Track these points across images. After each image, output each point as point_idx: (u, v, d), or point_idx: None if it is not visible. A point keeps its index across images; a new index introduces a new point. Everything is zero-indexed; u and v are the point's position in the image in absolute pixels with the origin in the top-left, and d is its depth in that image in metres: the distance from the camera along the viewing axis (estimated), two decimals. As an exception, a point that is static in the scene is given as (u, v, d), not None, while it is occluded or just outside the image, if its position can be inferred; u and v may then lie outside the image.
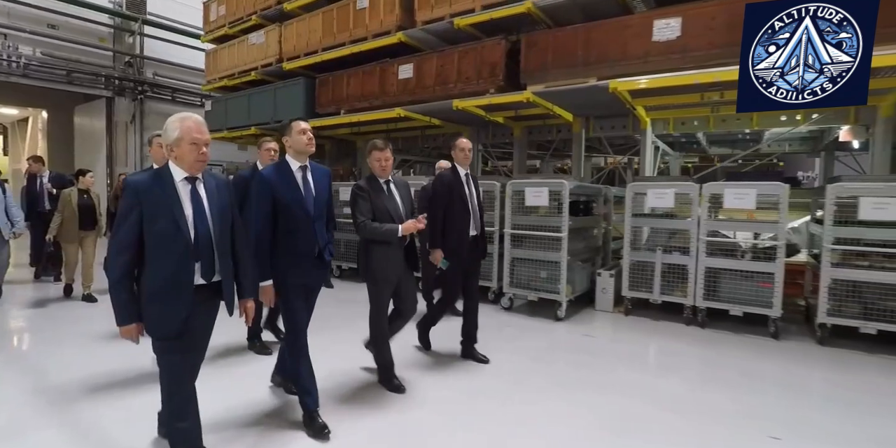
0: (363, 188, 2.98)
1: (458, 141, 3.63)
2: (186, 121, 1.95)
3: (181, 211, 1.93)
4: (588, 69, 5.04)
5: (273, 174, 2.58)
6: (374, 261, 2.98)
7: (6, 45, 11.33)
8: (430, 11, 6.10)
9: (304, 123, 2.66)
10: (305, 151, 2.61)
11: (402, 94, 6.48)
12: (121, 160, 13.56)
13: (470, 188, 3.63)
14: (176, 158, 1.94)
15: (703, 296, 4.50)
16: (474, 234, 3.64)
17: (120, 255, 1.89)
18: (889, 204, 3.79)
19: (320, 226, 2.68)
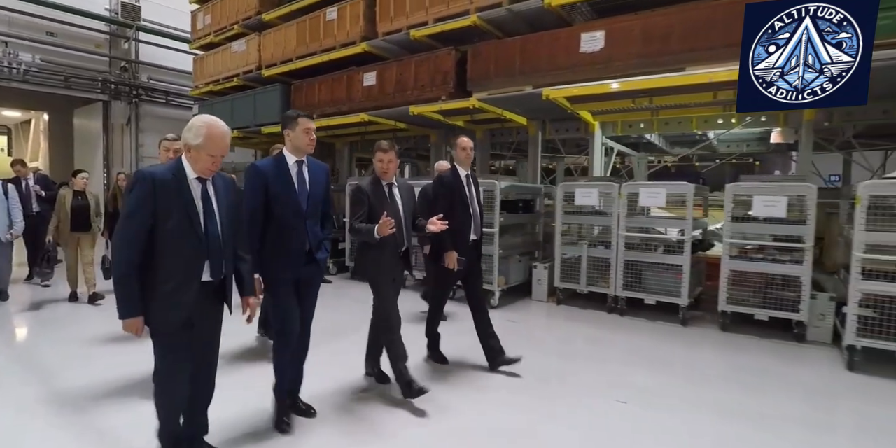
0: (363, 190, 3.00)
1: (459, 139, 3.60)
2: (213, 129, 2.00)
3: (194, 208, 2.00)
4: (525, 78, 5.68)
5: (269, 167, 2.61)
6: (369, 263, 3.03)
7: (7, 52, 12.23)
8: (389, 23, 6.80)
9: (310, 122, 2.68)
10: (305, 150, 2.65)
11: (366, 101, 7.18)
12: (117, 160, 14.47)
13: (471, 190, 3.61)
14: (190, 159, 2.02)
15: (622, 286, 5.10)
16: (475, 238, 3.61)
17: (129, 247, 1.93)
18: (778, 202, 4.37)
19: (313, 223, 2.69)
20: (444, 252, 3.42)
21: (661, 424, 2.84)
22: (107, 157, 14.38)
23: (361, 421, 2.82)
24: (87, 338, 4.28)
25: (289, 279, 2.62)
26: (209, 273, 2.06)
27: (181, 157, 2.04)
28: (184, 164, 2.01)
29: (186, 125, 2.03)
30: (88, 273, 5.57)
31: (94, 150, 14.51)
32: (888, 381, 3.55)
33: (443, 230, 3.05)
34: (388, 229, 2.76)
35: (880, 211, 3.68)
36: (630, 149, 8.68)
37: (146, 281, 1.97)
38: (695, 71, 4.78)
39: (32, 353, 4.00)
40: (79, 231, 5.56)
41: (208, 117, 2.05)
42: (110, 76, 13.84)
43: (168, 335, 2.04)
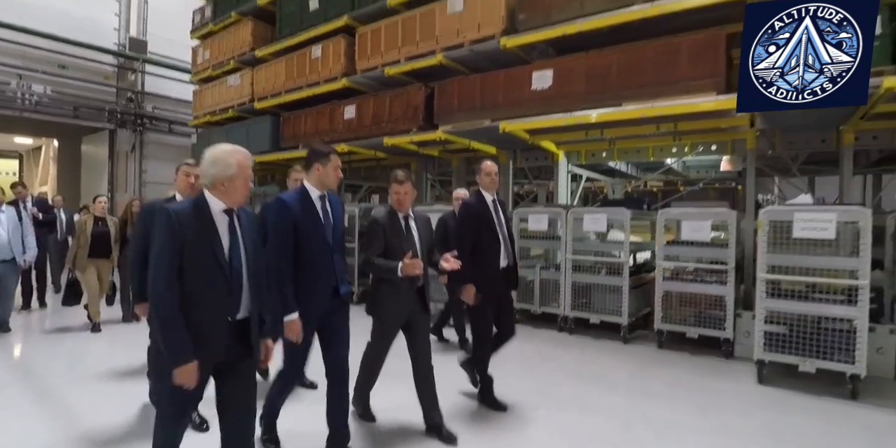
0: (378, 223, 3.00)
1: (483, 165, 3.59)
2: (239, 155, 2.05)
3: (220, 243, 2.00)
4: (484, 112, 6.40)
5: (295, 201, 2.65)
6: (381, 298, 3.00)
7: (21, 84, 13.41)
8: (367, 61, 7.65)
9: (339, 160, 2.77)
10: (331, 186, 2.74)
11: (347, 132, 7.98)
12: (121, 186, 15.50)
13: (499, 215, 3.59)
14: (224, 193, 2.03)
15: (570, 306, 5.65)
16: (505, 264, 3.58)
17: (169, 289, 1.91)
18: (703, 227, 4.94)
19: (339, 257, 2.74)
20: (463, 283, 3.37)
21: (558, 426, 3.37)
22: (112, 182, 15.43)
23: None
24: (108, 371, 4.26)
25: (313, 318, 2.63)
26: (234, 312, 2.04)
27: (203, 191, 2.05)
28: (207, 199, 2.03)
29: (206, 161, 2.05)
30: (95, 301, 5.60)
31: (100, 175, 15.57)
32: (790, 392, 4.03)
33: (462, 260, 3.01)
34: (415, 270, 2.78)
35: (780, 234, 4.23)
36: (604, 175, 9.31)
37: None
38: (631, 106, 5.46)
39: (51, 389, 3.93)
40: (98, 258, 5.58)
41: (225, 147, 2.08)
42: (117, 106, 14.98)
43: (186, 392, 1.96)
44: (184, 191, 3.33)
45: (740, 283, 5.37)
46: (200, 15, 11.80)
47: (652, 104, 5.33)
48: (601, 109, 5.58)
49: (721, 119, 5.76)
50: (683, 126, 6.06)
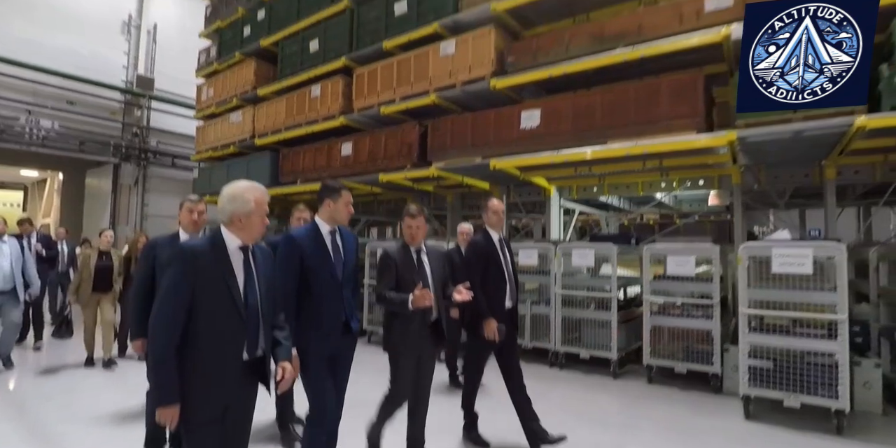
0: (390, 257, 3.00)
1: (490, 203, 3.60)
2: (256, 192, 2.08)
3: (234, 281, 1.99)
4: (475, 150, 6.66)
5: (304, 237, 2.66)
6: (394, 334, 2.97)
7: (30, 119, 13.83)
8: (363, 100, 8.00)
9: (350, 196, 2.79)
10: (342, 222, 2.77)
11: (343, 168, 8.24)
12: (122, 219, 15.79)
13: (505, 254, 3.57)
14: (241, 229, 2.04)
15: (560, 341, 5.74)
16: (510, 305, 3.56)
17: (168, 329, 1.88)
18: (688, 262, 5.08)
19: (348, 292, 2.74)
20: (482, 320, 3.33)
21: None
22: (114, 215, 15.71)
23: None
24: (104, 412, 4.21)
25: (325, 354, 2.61)
26: (248, 351, 2.03)
27: (219, 228, 2.07)
28: (223, 236, 2.04)
29: (224, 198, 2.07)
30: (107, 335, 5.57)
31: (103, 208, 15.87)
32: (777, 428, 4.08)
33: (477, 296, 2.98)
34: (425, 302, 2.73)
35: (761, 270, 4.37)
36: (598, 209, 9.52)
37: (182, 363, 1.90)
38: (616, 144, 5.70)
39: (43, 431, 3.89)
40: (100, 292, 5.63)
41: (242, 183, 2.12)
42: (122, 141, 15.42)
43: (203, 428, 1.95)
44: (188, 227, 3.36)
45: (733, 317, 5.47)
46: (206, 55, 12.33)
47: (636, 142, 5.57)
48: (587, 147, 5.82)
49: (704, 156, 5.99)
50: (669, 162, 6.29)
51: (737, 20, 5.35)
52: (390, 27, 7.80)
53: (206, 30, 12.54)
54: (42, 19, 13.99)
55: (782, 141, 5.27)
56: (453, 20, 7.13)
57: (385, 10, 7.90)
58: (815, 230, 9.83)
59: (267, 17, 10.21)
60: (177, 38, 16.10)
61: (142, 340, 3.12)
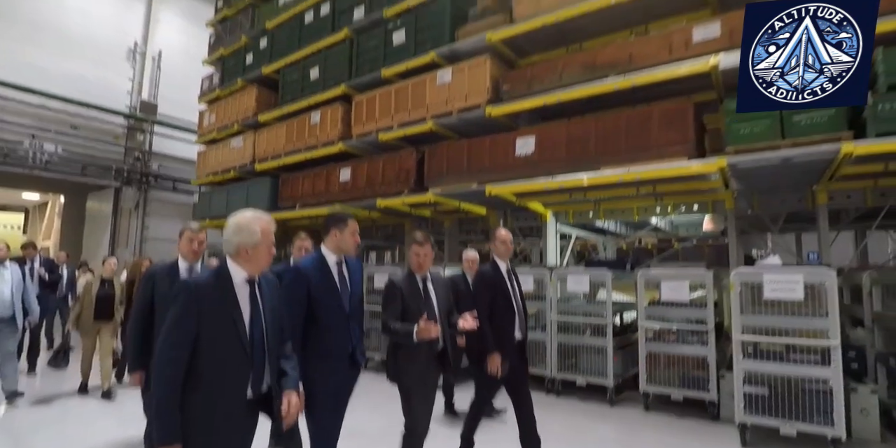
0: (396, 286, 2.95)
1: (497, 232, 3.59)
2: (262, 222, 2.04)
3: (240, 316, 1.94)
4: (471, 176, 6.79)
5: (311, 269, 2.62)
6: (401, 364, 2.91)
7: (33, 143, 14.00)
8: (362, 127, 8.19)
9: (356, 225, 2.77)
10: (349, 252, 2.75)
11: (342, 193, 8.38)
12: (122, 242, 15.88)
13: (513, 285, 3.55)
14: (247, 261, 2.00)
15: (557, 368, 5.74)
16: (520, 337, 3.52)
17: (172, 367, 1.84)
18: (682, 287, 5.14)
19: (354, 324, 2.70)
20: (487, 354, 3.27)
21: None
22: (113, 238, 15.81)
23: None
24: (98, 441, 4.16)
25: (331, 389, 2.56)
26: (252, 388, 1.97)
27: (225, 261, 2.04)
28: (229, 269, 2.00)
29: (230, 229, 2.04)
30: (106, 365, 5.48)
31: (103, 231, 15.97)
32: (773, 456, 4.08)
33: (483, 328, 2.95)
34: (430, 334, 2.69)
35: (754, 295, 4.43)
36: (595, 233, 9.61)
37: (185, 401, 1.85)
38: (609, 171, 5.82)
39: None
40: (101, 320, 5.56)
41: (248, 214, 2.08)
42: (124, 165, 15.63)
43: None
44: (187, 256, 3.32)
45: (728, 343, 5.49)
46: (209, 81, 12.63)
47: (628, 169, 5.69)
48: (581, 173, 5.94)
49: (696, 182, 6.11)
50: (662, 188, 6.40)
51: (724, 50, 5.58)
52: (389, 56, 8.05)
53: (209, 57, 12.88)
54: (49, 45, 14.32)
55: (772, 167, 5.40)
56: (450, 49, 7.36)
57: (384, 39, 8.16)
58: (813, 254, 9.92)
59: (269, 45, 10.52)
60: (181, 64, 16.47)
61: (140, 373, 3.10)
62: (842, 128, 4.97)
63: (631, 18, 6.70)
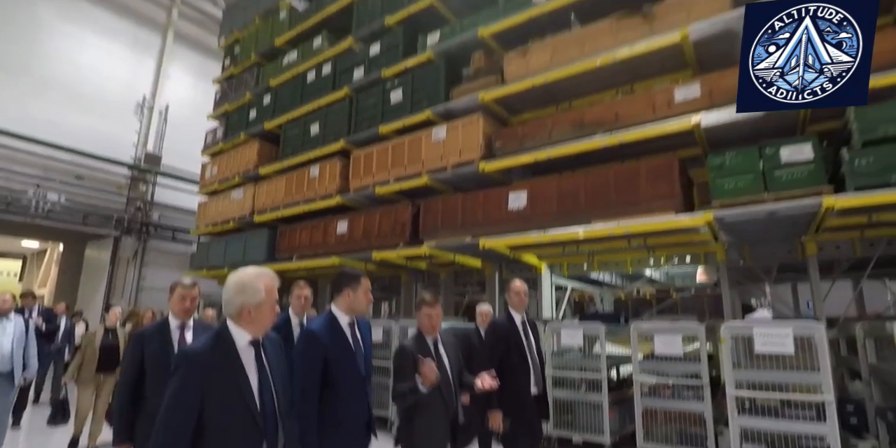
0: (407, 350, 2.87)
1: (512, 284, 3.57)
2: (266, 279, 1.93)
3: (248, 384, 1.82)
4: (465, 229, 6.98)
5: (325, 332, 2.52)
6: (417, 431, 2.79)
7: (37, 192, 14.25)
8: (360, 181, 8.48)
9: (368, 282, 2.66)
10: (362, 312, 2.67)
11: (338, 245, 8.55)
12: (118, 291, 15.88)
13: (529, 338, 3.49)
14: (250, 322, 1.89)
15: (552, 425, 5.68)
16: (536, 392, 3.44)
17: (175, 446, 1.71)
18: (675, 341, 5.19)
19: (369, 388, 2.62)
20: (489, 410, 3.21)
21: None
22: (109, 287, 15.81)
23: None
24: None
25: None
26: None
27: (226, 324, 1.92)
28: (230, 332, 1.89)
29: (231, 288, 1.93)
30: (98, 422, 5.34)
31: (100, 280, 15.98)
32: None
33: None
34: (432, 376, 2.63)
35: (745, 349, 4.48)
36: (591, 285, 9.70)
37: None
38: (599, 225, 6.00)
39: None
40: (104, 372, 5.40)
41: (250, 271, 1.98)
42: (125, 214, 15.89)
43: None
44: (179, 314, 3.18)
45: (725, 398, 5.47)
46: (213, 135, 13.11)
47: (618, 223, 5.87)
48: (572, 227, 6.12)
49: (685, 235, 6.28)
50: (653, 241, 6.56)
51: (705, 109, 5.90)
52: (386, 113, 8.46)
53: (214, 112, 13.43)
54: (59, 99, 14.89)
55: (758, 220, 5.59)
56: (445, 108, 7.75)
57: (382, 97, 8.62)
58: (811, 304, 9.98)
59: (272, 101, 11.04)
60: (186, 118, 17.10)
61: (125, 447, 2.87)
62: (822, 182, 5.19)
63: (616, 79, 7.10)
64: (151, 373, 2.94)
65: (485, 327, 4.72)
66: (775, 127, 5.97)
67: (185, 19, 18.54)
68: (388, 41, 9.02)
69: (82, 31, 15.78)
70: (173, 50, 18.01)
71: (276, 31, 11.83)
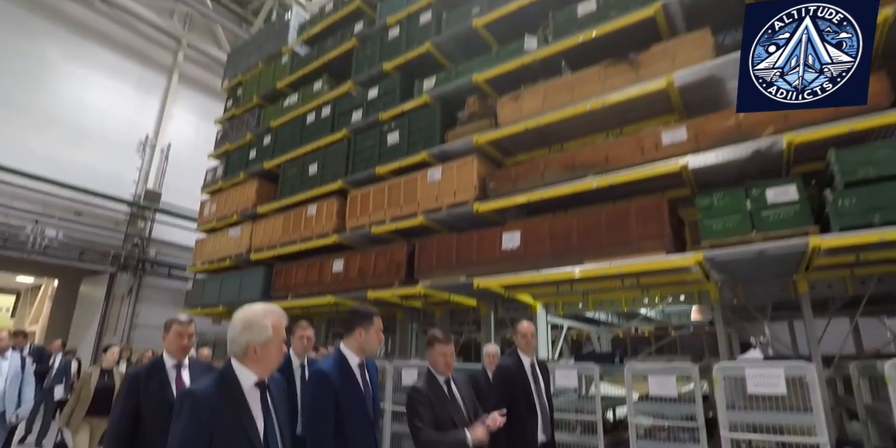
0: (422, 392, 2.76)
1: (519, 326, 3.51)
2: (273, 316, 1.88)
3: (254, 428, 1.76)
4: (460, 269, 7.07)
5: (336, 374, 2.45)
6: None
7: (35, 229, 14.26)
8: (356, 220, 8.64)
9: (381, 321, 2.62)
10: (373, 352, 2.61)
11: (334, 284, 8.62)
12: (111, 328, 15.75)
13: (538, 382, 3.42)
14: (256, 361, 1.83)
15: (549, 468, 5.61)
16: (544, 439, 3.35)
17: None
18: (668, 382, 5.19)
19: (377, 431, 2.58)
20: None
21: None
22: (102, 324, 15.69)
23: None
24: None
25: None
26: None
27: (230, 363, 1.86)
28: (235, 372, 1.82)
29: (237, 326, 1.88)
30: None
31: (93, 317, 15.91)
32: None
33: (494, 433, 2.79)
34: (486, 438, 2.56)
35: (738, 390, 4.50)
36: (588, 323, 9.72)
37: None
38: (591, 265, 6.11)
39: None
40: (97, 416, 5.18)
41: (256, 308, 1.92)
42: (122, 251, 15.96)
43: None
44: (175, 353, 3.05)
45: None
46: (213, 173, 13.35)
47: (610, 263, 5.98)
48: (565, 267, 6.22)
49: (677, 274, 6.37)
50: (645, 280, 6.65)
51: (691, 152, 6.11)
52: (383, 154, 8.71)
53: (215, 151, 13.73)
54: (62, 136, 15.25)
55: (749, 260, 5.69)
56: (440, 150, 8.00)
57: (379, 139, 8.89)
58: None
59: (272, 142, 11.34)
60: (187, 156, 17.47)
61: None
62: (808, 222, 5.32)
63: (607, 122, 7.37)
64: (148, 416, 2.82)
65: (492, 369, 4.63)
66: (761, 168, 6.16)
67: (190, 62, 19.22)
68: (385, 85, 9.37)
69: (89, 71, 16.33)
70: (177, 90, 18.58)
71: (278, 74, 12.28)
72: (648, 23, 6.84)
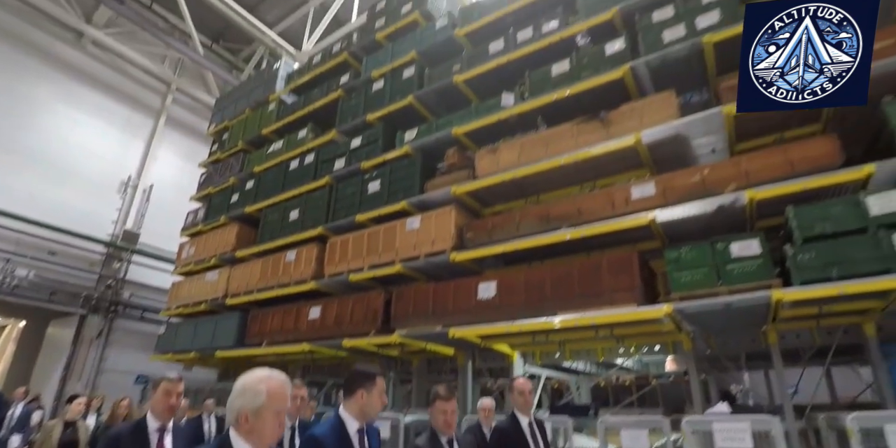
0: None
1: (515, 383, 3.38)
2: (271, 382, 1.78)
3: None
4: (436, 318, 7.12)
5: (331, 441, 2.31)
6: None
7: (5, 268, 13.81)
8: (334, 267, 8.70)
9: (384, 382, 2.52)
10: (373, 417, 2.47)
11: (309, 331, 8.57)
12: (76, 373, 15.10)
13: (537, 442, 3.31)
14: (249, 432, 1.71)
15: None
16: None
17: None
18: (641, 436, 5.22)
19: None
20: None
21: None
22: (67, 368, 15.03)
23: None
24: None
25: None
26: None
27: (228, 435, 1.76)
28: (231, 443, 1.72)
29: (234, 393, 1.79)
30: None
31: (58, 360, 15.22)
32: None
33: None
34: None
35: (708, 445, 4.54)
36: (566, 373, 9.71)
37: None
38: (564, 316, 6.22)
39: None
40: None
41: (258, 373, 1.82)
42: (94, 292, 15.58)
43: None
44: (162, 414, 2.91)
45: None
46: (193, 216, 13.37)
47: (582, 314, 6.09)
48: (539, 318, 6.32)
49: (650, 325, 6.50)
50: (619, 331, 6.76)
51: (660, 206, 6.38)
52: (364, 202, 8.89)
53: (197, 194, 13.80)
54: (41, 175, 14.99)
55: (717, 311, 5.86)
56: (419, 199, 8.21)
57: (360, 187, 9.10)
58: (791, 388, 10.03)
59: (255, 186, 11.49)
60: (169, 198, 17.39)
61: None
62: (771, 276, 5.52)
63: (580, 176, 7.67)
64: None
65: (487, 423, 4.56)
66: (726, 222, 6.42)
67: (178, 105, 19.53)
68: (368, 135, 9.68)
69: (76, 111, 16.37)
70: (164, 132, 18.77)
71: (265, 121, 12.60)
72: (618, 83, 7.28)
